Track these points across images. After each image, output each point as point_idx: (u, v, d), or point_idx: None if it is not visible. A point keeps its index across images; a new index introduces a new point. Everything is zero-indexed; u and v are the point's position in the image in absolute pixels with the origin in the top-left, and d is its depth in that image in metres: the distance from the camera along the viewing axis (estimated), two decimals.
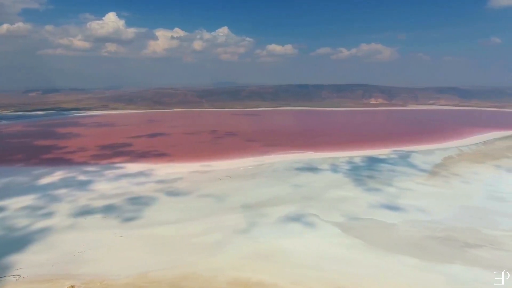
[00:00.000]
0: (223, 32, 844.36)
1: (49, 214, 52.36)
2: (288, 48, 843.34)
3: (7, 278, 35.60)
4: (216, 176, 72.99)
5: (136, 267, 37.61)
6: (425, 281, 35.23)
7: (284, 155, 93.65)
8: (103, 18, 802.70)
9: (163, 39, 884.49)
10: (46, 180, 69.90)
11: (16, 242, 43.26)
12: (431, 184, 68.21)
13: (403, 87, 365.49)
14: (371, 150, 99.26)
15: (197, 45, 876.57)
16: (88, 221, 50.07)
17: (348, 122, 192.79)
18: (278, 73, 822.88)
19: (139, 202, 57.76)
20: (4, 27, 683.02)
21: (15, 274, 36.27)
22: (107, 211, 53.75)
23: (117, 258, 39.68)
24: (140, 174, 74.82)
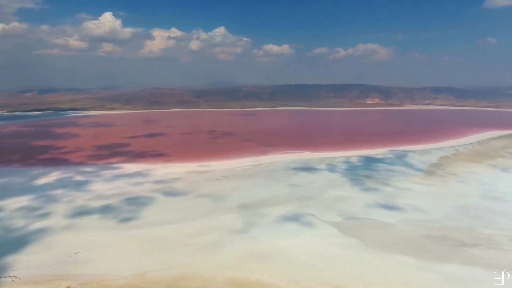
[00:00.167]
0: (220, 32, 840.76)
1: (46, 215, 52.00)
2: (285, 48, 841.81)
3: (3, 280, 35.27)
4: (214, 176, 72.95)
5: (134, 268, 37.46)
6: (422, 280, 35.38)
7: (282, 155, 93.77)
8: (100, 18, 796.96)
9: (160, 39, 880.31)
10: (43, 181, 69.45)
11: (12, 243, 42.94)
12: (428, 184, 68.60)
13: (400, 87, 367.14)
14: (368, 150, 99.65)
15: (194, 45, 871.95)
16: (85, 222, 49.80)
17: (345, 122, 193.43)
18: (275, 73, 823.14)
19: (137, 203, 57.57)
20: (0, 27, 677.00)
21: (11, 276, 35.95)
22: (104, 212, 53.51)
23: (115, 259, 39.50)
24: (138, 174, 74.59)
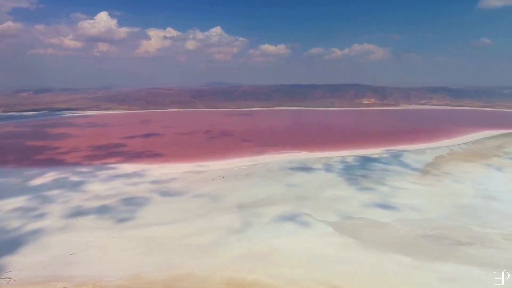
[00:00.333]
0: (216, 32, 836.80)
1: (41, 216, 51.67)
2: (281, 48, 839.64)
3: None
4: (211, 176, 72.90)
5: (130, 268, 37.35)
6: (418, 279, 35.69)
7: (278, 155, 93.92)
8: (95, 18, 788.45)
9: (156, 39, 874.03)
10: (38, 181, 68.98)
11: (7, 244, 42.64)
12: (423, 183, 69.06)
13: (395, 87, 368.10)
14: (364, 150, 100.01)
15: (190, 45, 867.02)
16: (81, 222, 49.55)
17: (341, 122, 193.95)
18: (272, 73, 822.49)
19: (133, 203, 57.37)
20: None
21: (6, 277, 35.72)
22: (101, 212, 53.27)
23: (111, 260, 39.35)
24: (134, 175, 74.32)
